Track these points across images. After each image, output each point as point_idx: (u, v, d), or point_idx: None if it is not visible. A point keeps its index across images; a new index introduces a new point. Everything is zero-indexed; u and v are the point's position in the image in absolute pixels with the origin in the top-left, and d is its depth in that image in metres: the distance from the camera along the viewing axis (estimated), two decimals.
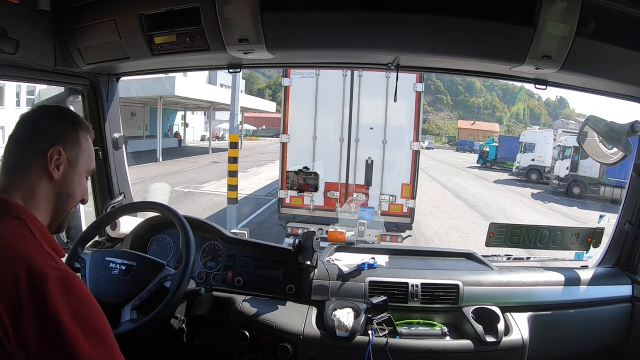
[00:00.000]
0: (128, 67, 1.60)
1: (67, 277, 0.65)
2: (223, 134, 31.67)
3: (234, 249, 1.65)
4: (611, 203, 12.34)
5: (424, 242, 7.35)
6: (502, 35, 1.15)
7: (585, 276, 1.62)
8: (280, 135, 5.52)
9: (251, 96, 33.86)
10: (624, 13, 1.11)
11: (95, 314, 0.66)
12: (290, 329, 1.40)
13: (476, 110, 72.78)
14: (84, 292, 0.66)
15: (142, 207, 1.55)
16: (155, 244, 1.71)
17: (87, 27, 1.31)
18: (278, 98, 26.29)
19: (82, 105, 1.68)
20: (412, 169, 5.26)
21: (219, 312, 1.54)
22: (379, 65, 1.51)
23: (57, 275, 0.63)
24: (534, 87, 1.42)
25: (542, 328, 1.46)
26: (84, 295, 0.66)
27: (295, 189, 1.77)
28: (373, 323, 1.39)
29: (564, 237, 1.74)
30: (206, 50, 1.26)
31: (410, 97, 5.15)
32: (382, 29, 1.17)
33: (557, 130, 22.78)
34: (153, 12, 1.24)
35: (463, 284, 1.51)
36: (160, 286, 1.26)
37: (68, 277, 0.65)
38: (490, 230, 1.75)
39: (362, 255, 1.66)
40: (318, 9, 1.15)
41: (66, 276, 0.65)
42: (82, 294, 0.66)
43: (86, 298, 0.66)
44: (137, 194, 1.91)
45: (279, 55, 1.31)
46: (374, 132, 5.28)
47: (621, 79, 1.27)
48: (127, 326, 1.16)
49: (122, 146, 1.79)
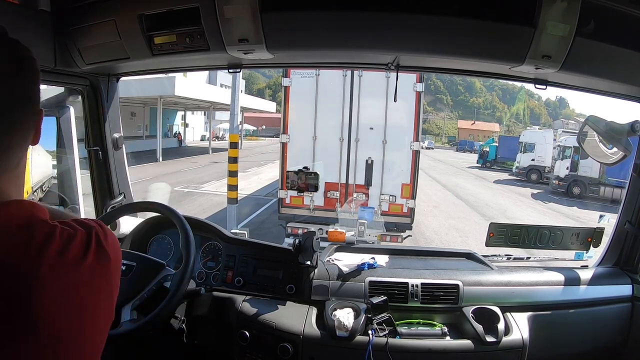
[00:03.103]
0: (128, 67, 1.60)
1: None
2: (223, 134, 31.67)
3: (234, 249, 1.65)
4: (611, 203, 12.33)
5: (424, 242, 7.35)
6: (502, 35, 1.15)
7: (585, 276, 1.62)
8: (280, 135, 5.52)
9: (251, 96, 33.89)
10: (624, 13, 1.11)
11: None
12: (290, 329, 1.40)
13: (476, 110, 72.82)
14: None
15: (142, 207, 1.55)
16: (155, 244, 1.71)
17: (87, 27, 1.31)
18: (278, 98, 26.32)
19: (82, 105, 1.68)
20: (412, 169, 5.26)
21: (219, 312, 1.54)
22: (379, 65, 1.51)
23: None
24: (534, 87, 1.42)
25: (542, 328, 1.46)
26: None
27: (295, 189, 1.77)
28: (373, 323, 1.39)
29: (564, 237, 1.74)
30: (206, 50, 1.26)
31: (410, 97, 5.15)
32: (382, 29, 1.17)
33: (557, 130, 22.76)
34: (153, 12, 1.23)
35: (463, 284, 1.51)
36: (160, 286, 1.26)
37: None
38: (490, 230, 1.75)
39: (362, 255, 1.66)
40: (318, 9, 1.15)
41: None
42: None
43: None
44: (137, 194, 1.91)
45: (279, 55, 1.31)
46: (374, 132, 5.28)
47: (621, 79, 1.27)
48: (127, 326, 1.16)
49: (122, 146, 1.79)
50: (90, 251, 0.56)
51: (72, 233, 0.56)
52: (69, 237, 0.55)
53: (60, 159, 1.62)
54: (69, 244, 0.54)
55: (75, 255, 0.54)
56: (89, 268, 0.55)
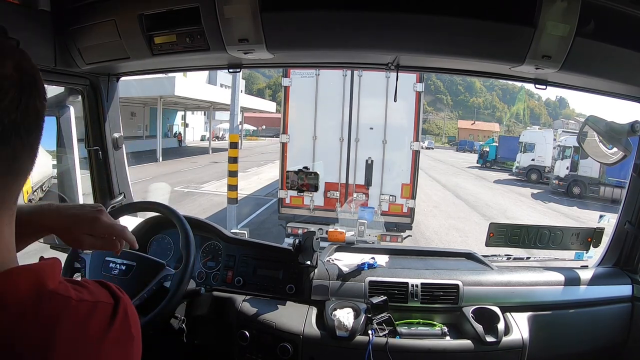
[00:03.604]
0: (128, 67, 1.60)
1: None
2: (223, 134, 31.66)
3: (234, 249, 1.65)
4: (611, 203, 12.32)
5: (424, 242, 7.35)
6: (502, 35, 1.15)
7: (585, 276, 1.62)
8: (280, 135, 5.52)
9: (251, 96, 33.88)
10: (624, 13, 1.11)
11: None
12: (290, 329, 1.40)
13: (476, 110, 72.81)
14: None
15: (142, 207, 1.55)
16: (155, 244, 1.71)
17: (87, 27, 1.31)
18: (278, 98, 26.29)
19: (82, 105, 1.68)
20: (412, 169, 5.26)
21: (219, 312, 1.54)
22: (379, 65, 1.51)
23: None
24: (534, 87, 1.42)
25: (542, 328, 1.46)
26: None
27: (295, 189, 1.77)
28: (373, 323, 1.39)
29: (564, 237, 1.74)
30: (206, 50, 1.26)
31: (410, 97, 5.15)
32: (382, 29, 1.17)
33: (557, 130, 22.75)
34: (153, 12, 1.24)
35: (463, 284, 1.51)
36: (160, 286, 1.26)
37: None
38: (490, 230, 1.75)
39: (362, 255, 1.66)
40: (318, 9, 1.15)
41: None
42: None
43: None
44: (137, 194, 1.91)
45: (279, 55, 1.31)
46: (374, 132, 5.28)
47: (621, 79, 1.27)
48: None
49: (122, 146, 1.80)
50: (114, 328, 0.47)
51: (91, 307, 0.46)
52: (87, 312, 0.45)
53: (60, 159, 1.62)
54: (87, 321, 0.45)
55: (94, 332, 0.45)
56: (112, 344, 0.46)
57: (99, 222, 0.70)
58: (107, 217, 0.72)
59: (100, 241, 0.72)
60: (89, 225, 0.70)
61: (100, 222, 0.70)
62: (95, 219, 0.70)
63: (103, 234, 0.72)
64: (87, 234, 0.70)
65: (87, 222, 0.69)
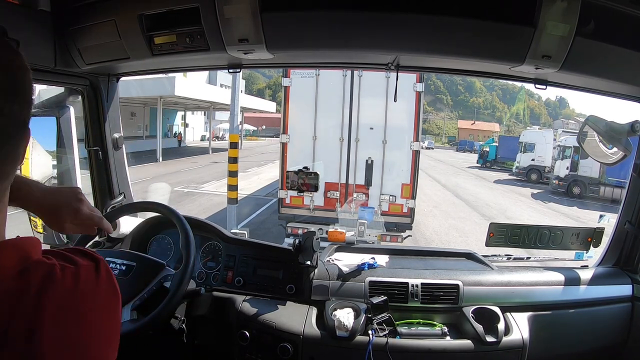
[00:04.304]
0: (128, 67, 1.60)
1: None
2: (223, 134, 31.66)
3: (234, 249, 1.65)
4: (611, 203, 12.33)
5: (424, 242, 7.35)
6: (502, 35, 1.15)
7: (585, 276, 1.62)
8: (280, 135, 5.52)
9: (251, 96, 33.90)
10: (624, 13, 1.11)
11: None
12: (290, 329, 1.40)
13: (476, 110, 72.83)
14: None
15: (142, 207, 1.55)
16: (155, 244, 1.71)
17: (87, 27, 1.31)
18: (278, 98, 26.31)
19: (82, 105, 1.68)
20: (412, 169, 5.26)
21: (219, 312, 1.53)
22: (379, 65, 1.51)
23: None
24: (534, 87, 1.42)
25: (542, 328, 1.46)
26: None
27: (295, 189, 1.77)
28: (373, 323, 1.39)
29: (564, 237, 1.74)
30: (206, 51, 1.26)
31: (410, 97, 5.16)
32: (382, 29, 1.17)
33: (557, 130, 22.78)
34: (153, 12, 1.24)
35: (463, 284, 1.51)
36: (160, 286, 1.26)
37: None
38: (490, 230, 1.75)
39: (362, 255, 1.66)
40: (318, 9, 1.15)
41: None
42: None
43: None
44: (137, 194, 1.91)
45: (279, 55, 1.31)
46: (374, 132, 5.28)
47: (621, 79, 1.27)
48: (127, 326, 1.16)
49: (122, 146, 1.79)
50: (100, 284, 0.51)
51: (74, 270, 0.49)
52: (73, 275, 0.48)
53: (60, 159, 1.62)
54: (75, 283, 0.48)
55: (82, 294, 0.48)
56: (102, 298, 0.50)
57: (80, 212, 0.83)
58: (87, 207, 0.85)
59: (79, 227, 0.84)
60: (72, 215, 0.82)
61: (81, 212, 0.83)
62: (77, 209, 0.83)
63: (83, 222, 0.84)
64: (68, 223, 0.82)
65: (70, 212, 0.82)
